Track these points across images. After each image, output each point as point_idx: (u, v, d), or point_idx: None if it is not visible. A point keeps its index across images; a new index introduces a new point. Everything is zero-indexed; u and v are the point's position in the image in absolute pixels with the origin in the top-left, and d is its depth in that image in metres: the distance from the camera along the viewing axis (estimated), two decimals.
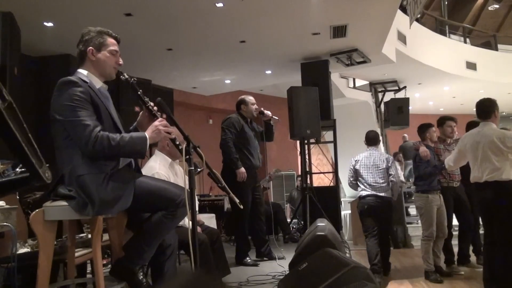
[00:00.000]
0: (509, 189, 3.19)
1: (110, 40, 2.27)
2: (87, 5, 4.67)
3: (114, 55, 2.27)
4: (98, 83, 2.25)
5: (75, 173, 2.06)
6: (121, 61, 2.29)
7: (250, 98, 4.68)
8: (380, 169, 4.46)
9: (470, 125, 4.49)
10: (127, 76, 2.26)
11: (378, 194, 4.40)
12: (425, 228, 4.21)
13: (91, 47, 2.22)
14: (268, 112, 4.61)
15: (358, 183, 4.58)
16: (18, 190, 2.91)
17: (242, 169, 4.31)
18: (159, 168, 3.13)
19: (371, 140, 4.66)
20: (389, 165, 4.47)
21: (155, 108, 2.24)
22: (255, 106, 4.63)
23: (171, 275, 2.47)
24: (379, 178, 4.44)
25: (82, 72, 2.23)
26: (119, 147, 2.07)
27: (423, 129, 4.49)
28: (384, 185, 4.41)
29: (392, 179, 4.41)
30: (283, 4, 5.05)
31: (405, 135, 11.75)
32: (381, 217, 4.41)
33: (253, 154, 4.54)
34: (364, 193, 4.47)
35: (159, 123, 2.18)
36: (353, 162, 4.62)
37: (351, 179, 4.67)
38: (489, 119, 3.47)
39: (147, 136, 2.13)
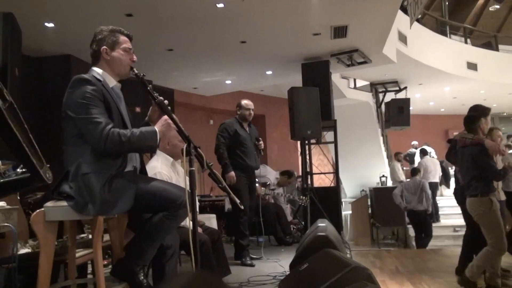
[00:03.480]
0: None
1: (123, 38, 2.28)
2: (87, 6, 4.67)
3: (128, 52, 2.28)
4: (112, 82, 2.26)
5: (80, 171, 2.07)
6: (135, 58, 2.30)
7: (245, 103, 4.73)
8: (416, 192, 7.68)
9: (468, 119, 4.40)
10: (137, 71, 2.26)
11: (414, 208, 7.66)
12: (495, 240, 3.41)
13: (104, 46, 2.23)
14: (261, 143, 4.76)
15: (403, 199, 7.74)
16: (19, 190, 2.91)
17: (231, 174, 4.42)
18: (161, 167, 3.12)
19: (414, 173, 8.05)
20: (422, 187, 7.69)
21: (166, 102, 2.23)
22: (248, 112, 4.69)
23: (172, 276, 2.46)
24: (416, 197, 7.66)
25: (97, 70, 2.24)
26: (130, 142, 2.09)
27: (472, 119, 3.73)
28: (418, 201, 7.64)
29: (426, 196, 7.65)
30: (284, 5, 5.05)
31: (415, 142, 11.78)
32: (418, 221, 7.74)
33: (248, 155, 4.62)
34: (408, 207, 7.71)
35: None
36: (401, 187, 7.88)
37: (399, 197, 7.78)
38: None
39: (157, 130, 2.15)
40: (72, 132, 2.12)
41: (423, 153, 10.08)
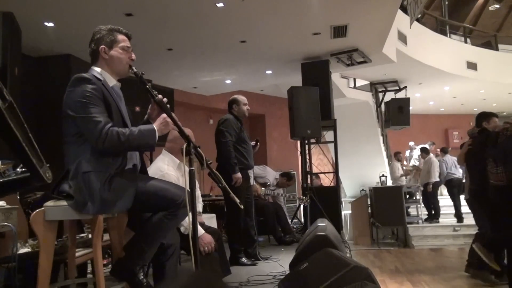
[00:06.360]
0: None
1: (121, 37, 2.28)
2: (87, 5, 4.67)
3: (126, 51, 2.28)
4: (111, 81, 2.26)
5: (80, 169, 2.08)
6: (133, 56, 2.30)
7: (242, 98, 4.57)
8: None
9: (480, 117, 4.29)
10: (136, 70, 2.26)
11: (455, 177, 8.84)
12: None
13: (103, 46, 2.23)
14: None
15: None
16: (19, 190, 2.91)
17: (239, 175, 4.25)
18: (168, 169, 3.11)
19: (445, 151, 9.08)
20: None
21: (165, 99, 2.23)
22: (246, 107, 4.55)
23: (172, 275, 2.47)
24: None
25: (96, 69, 2.24)
26: (129, 141, 2.10)
27: None
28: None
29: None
30: (284, 4, 5.05)
31: (412, 143, 11.86)
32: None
33: (249, 154, 4.52)
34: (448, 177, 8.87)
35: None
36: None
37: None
38: None
39: (156, 128, 2.16)
40: (72, 131, 2.13)
41: (425, 152, 10.00)
